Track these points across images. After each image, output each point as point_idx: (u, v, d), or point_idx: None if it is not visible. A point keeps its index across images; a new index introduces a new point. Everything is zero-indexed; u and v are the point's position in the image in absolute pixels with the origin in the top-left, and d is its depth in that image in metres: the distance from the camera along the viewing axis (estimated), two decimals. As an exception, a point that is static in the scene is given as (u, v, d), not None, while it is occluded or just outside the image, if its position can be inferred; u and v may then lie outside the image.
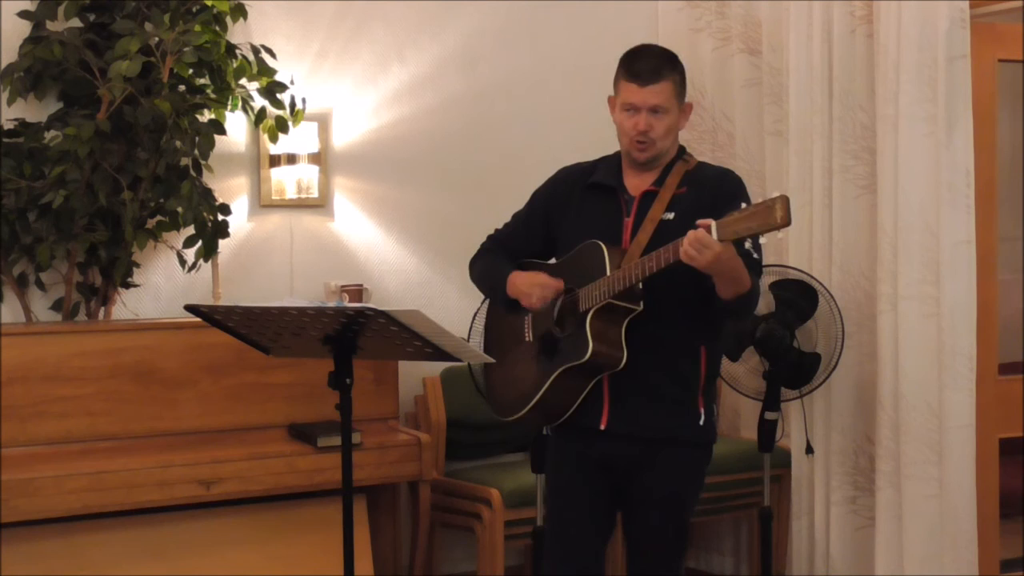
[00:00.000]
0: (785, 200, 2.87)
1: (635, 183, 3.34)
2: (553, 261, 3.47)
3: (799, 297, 4.54)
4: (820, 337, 4.57)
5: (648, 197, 3.30)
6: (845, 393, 4.68)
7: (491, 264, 3.51)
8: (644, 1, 5.52)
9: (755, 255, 3.18)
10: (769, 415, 4.55)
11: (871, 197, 4.57)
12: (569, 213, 3.40)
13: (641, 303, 3.20)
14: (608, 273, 3.19)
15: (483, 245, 3.58)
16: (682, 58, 5.76)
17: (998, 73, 4.96)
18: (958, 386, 4.28)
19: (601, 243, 3.24)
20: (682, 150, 3.38)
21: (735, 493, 4.87)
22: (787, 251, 4.84)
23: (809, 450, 4.67)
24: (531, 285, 3.35)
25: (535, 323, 3.39)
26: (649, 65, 3.27)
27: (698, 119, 5.41)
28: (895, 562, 4.41)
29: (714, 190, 3.27)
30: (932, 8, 4.27)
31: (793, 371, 4.54)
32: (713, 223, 2.97)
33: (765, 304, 4.60)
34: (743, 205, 2.98)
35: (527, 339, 3.40)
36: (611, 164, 3.41)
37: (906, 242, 4.34)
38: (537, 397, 3.28)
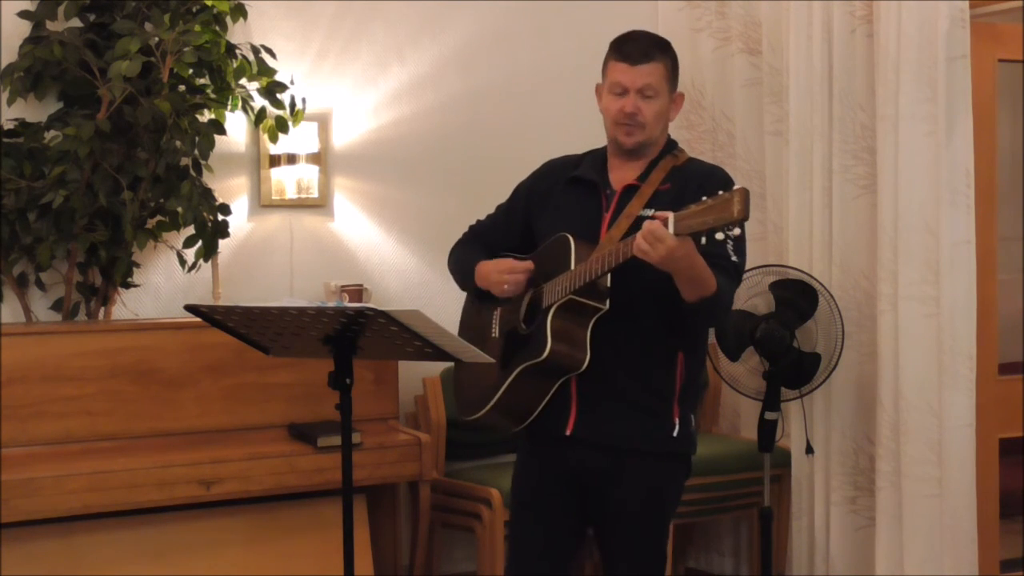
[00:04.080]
0: (744, 193, 2.66)
1: (619, 177, 3.18)
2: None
3: (799, 297, 4.54)
4: (820, 337, 4.57)
5: (630, 192, 3.13)
6: (845, 393, 4.68)
7: (464, 255, 3.39)
8: (644, 1, 5.52)
9: (734, 257, 2.98)
10: (769, 415, 4.55)
11: (871, 197, 4.57)
12: (549, 207, 3.26)
13: (607, 302, 3.02)
14: (572, 268, 3.02)
15: (462, 236, 3.47)
16: (682, 58, 5.76)
17: (998, 73, 4.95)
18: (958, 386, 4.27)
19: (570, 236, 3.07)
20: (673, 144, 3.23)
21: (735, 493, 4.87)
22: (787, 251, 4.84)
23: (809, 450, 4.67)
24: (499, 272, 3.21)
25: (502, 319, 3.27)
26: (640, 46, 3.16)
27: (698, 119, 5.41)
28: (895, 562, 4.41)
29: (698, 188, 3.03)
30: (932, 8, 4.27)
31: (793, 371, 4.54)
32: (671, 215, 2.77)
33: (765, 304, 4.60)
34: (703, 198, 2.75)
35: (493, 335, 3.26)
36: (597, 157, 3.25)
37: (906, 242, 4.34)
38: (496, 397, 3.12)
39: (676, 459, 3.18)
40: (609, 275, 3.01)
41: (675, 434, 3.13)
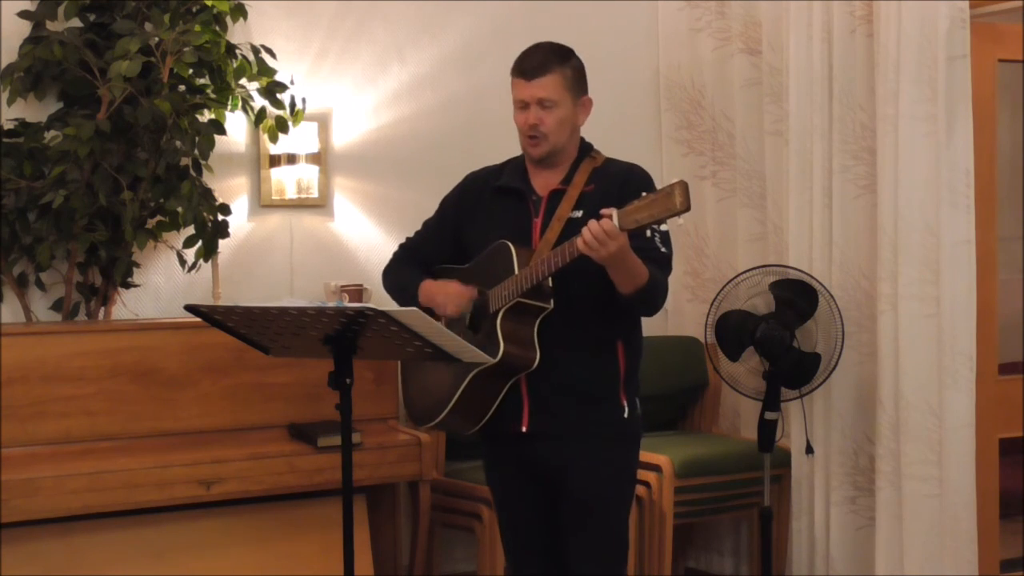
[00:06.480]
0: (684, 185, 2.85)
1: (542, 183, 3.34)
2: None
3: (799, 297, 4.54)
4: (820, 337, 4.57)
5: (556, 196, 3.29)
6: (845, 393, 4.68)
7: (402, 274, 3.50)
8: (644, 1, 5.53)
9: (663, 249, 3.18)
10: (769, 415, 4.55)
11: (871, 197, 4.57)
12: (478, 218, 3.40)
13: (551, 301, 3.19)
14: (516, 272, 3.18)
15: (394, 255, 3.58)
16: (682, 58, 5.77)
17: (998, 73, 4.95)
18: (958, 386, 4.27)
19: (509, 243, 3.23)
20: (588, 147, 3.37)
21: (735, 493, 4.87)
22: (787, 251, 4.84)
23: (809, 450, 4.67)
24: (444, 295, 3.33)
25: (449, 328, 3.32)
26: (534, 61, 3.30)
27: (698, 119, 5.41)
28: (895, 562, 4.41)
29: (621, 185, 3.24)
30: (932, 8, 4.27)
31: (793, 371, 4.54)
32: (615, 212, 2.95)
33: (765, 304, 4.60)
34: (643, 194, 2.94)
35: None
36: (517, 166, 3.41)
37: (906, 242, 4.34)
38: (452, 402, 3.24)
39: (629, 440, 3.34)
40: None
41: (625, 416, 3.29)
